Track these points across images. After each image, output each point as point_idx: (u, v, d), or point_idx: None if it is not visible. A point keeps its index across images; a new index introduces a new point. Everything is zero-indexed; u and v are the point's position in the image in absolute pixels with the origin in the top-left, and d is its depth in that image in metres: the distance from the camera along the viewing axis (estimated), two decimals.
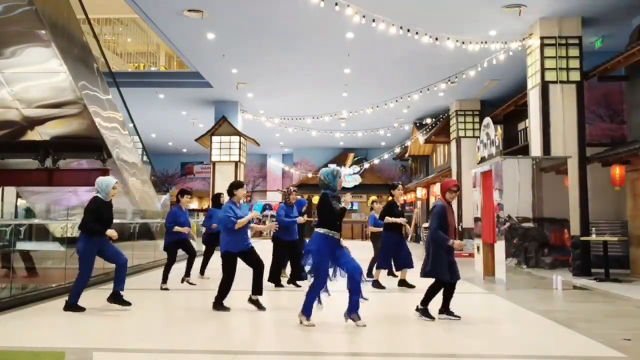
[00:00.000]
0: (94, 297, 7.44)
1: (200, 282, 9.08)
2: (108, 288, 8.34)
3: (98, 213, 6.38)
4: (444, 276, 5.87)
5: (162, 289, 8.21)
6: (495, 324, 6.16)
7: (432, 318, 5.90)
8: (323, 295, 5.60)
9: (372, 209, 9.83)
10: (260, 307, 6.46)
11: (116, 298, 6.44)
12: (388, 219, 8.26)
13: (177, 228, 8.30)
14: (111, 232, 6.42)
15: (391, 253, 8.34)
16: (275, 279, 8.50)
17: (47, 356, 3.69)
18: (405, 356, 4.68)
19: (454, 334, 5.42)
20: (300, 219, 8.57)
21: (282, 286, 8.43)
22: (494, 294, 8.20)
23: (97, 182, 6.59)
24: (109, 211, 6.57)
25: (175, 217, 8.41)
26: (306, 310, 5.58)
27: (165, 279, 8.31)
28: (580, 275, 9.71)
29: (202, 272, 9.66)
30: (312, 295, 5.57)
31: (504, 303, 7.42)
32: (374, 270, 8.72)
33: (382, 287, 8.28)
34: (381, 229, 8.62)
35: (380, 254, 8.52)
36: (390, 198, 8.75)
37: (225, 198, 7.24)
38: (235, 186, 6.70)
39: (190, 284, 8.60)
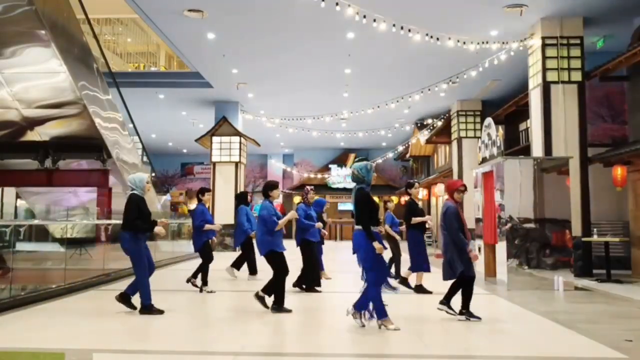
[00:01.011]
0: (94, 298, 7.44)
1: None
2: (107, 289, 8.35)
3: (140, 210, 6.25)
4: (469, 272, 5.92)
5: (205, 292, 8.03)
6: (497, 324, 6.13)
7: (479, 318, 5.90)
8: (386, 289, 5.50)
9: (387, 208, 9.66)
10: (264, 304, 6.39)
11: (124, 298, 6.34)
12: (414, 220, 7.99)
13: (207, 226, 8.15)
14: (159, 230, 6.31)
15: (424, 251, 8.02)
16: (308, 283, 8.11)
17: (46, 357, 3.65)
18: (405, 357, 4.65)
19: (455, 335, 5.39)
20: (319, 224, 8.35)
21: (317, 291, 8.09)
22: (495, 294, 8.17)
23: (130, 179, 6.47)
24: (147, 207, 6.43)
25: (204, 216, 8.25)
26: (381, 314, 5.44)
27: (205, 281, 8.14)
28: (582, 276, 9.68)
29: (254, 272, 9.49)
30: (378, 294, 5.46)
31: (505, 304, 7.40)
32: (403, 273, 8.48)
33: (429, 292, 7.84)
34: (397, 236, 8.68)
35: (413, 255, 8.04)
36: (406, 198, 8.62)
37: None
38: (270, 187, 6.66)
39: (195, 285, 8.49)
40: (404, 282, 8.28)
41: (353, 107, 17.21)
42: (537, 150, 10.66)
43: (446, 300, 6.05)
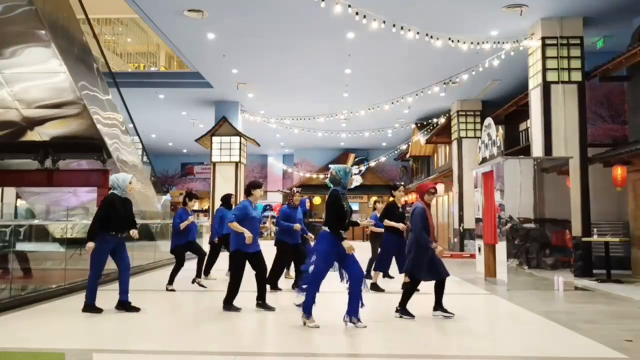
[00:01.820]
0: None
1: (205, 284, 9.05)
2: (107, 289, 8.35)
3: (109, 212, 6.27)
4: (420, 276, 6.08)
5: (167, 289, 8.17)
6: (497, 324, 6.13)
7: (413, 316, 6.01)
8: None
9: (374, 208, 9.76)
10: (269, 308, 6.46)
11: (123, 306, 6.40)
12: (387, 222, 8.13)
13: (183, 225, 8.23)
14: (133, 233, 6.40)
15: (391, 255, 8.26)
16: (272, 281, 8.19)
17: (46, 357, 3.66)
18: (405, 357, 4.65)
19: (455, 335, 5.39)
20: (297, 226, 8.26)
21: (278, 289, 8.24)
22: (495, 294, 8.17)
23: (112, 178, 6.50)
24: (123, 209, 6.42)
25: (182, 219, 8.34)
26: (307, 310, 5.57)
27: (172, 280, 8.27)
28: (582, 276, 9.69)
29: (207, 272, 9.59)
30: (311, 294, 5.56)
31: (505, 304, 7.40)
32: (372, 272, 8.67)
33: (381, 290, 8.21)
34: (382, 230, 8.54)
35: (380, 256, 8.46)
36: (391, 199, 8.66)
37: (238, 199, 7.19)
38: (253, 185, 6.62)
39: (201, 285, 8.50)
40: (375, 286, 8.35)
41: (353, 107, 17.21)
42: (537, 150, 10.66)
43: (437, 305, 6.18)
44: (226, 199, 9.71)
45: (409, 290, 6.15)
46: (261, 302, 6.54)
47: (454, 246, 17.61)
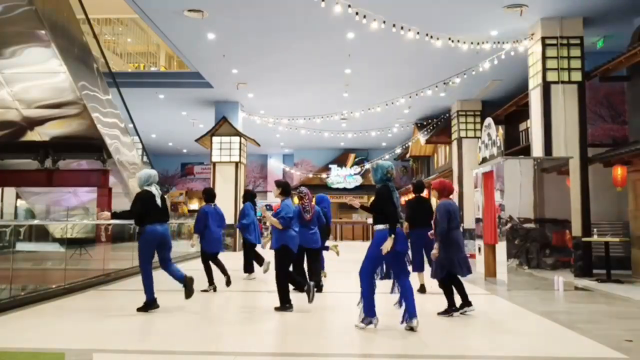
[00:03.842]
0: (94, 298, 7.44)
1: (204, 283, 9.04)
2: (107, 289, 8.35)
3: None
4: (456, 271, 6.42)
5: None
6: (496, 324, 6.13)
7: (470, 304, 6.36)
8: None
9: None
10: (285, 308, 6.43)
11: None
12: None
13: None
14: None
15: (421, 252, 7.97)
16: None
17: (47, 357, 3.65)
18: (405, 356, 4.65)
19: (455, 335, 5.39)
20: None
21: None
22: (495, 294, 8.17)
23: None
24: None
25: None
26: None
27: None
28: (582, 276, 9.69)
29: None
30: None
31: (505, 304, 7.40)
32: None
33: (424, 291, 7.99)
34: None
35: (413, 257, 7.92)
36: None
37: None
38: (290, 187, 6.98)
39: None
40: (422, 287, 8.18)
41: (353, 107, 17.21)
42: (537, 150, 10.66)
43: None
44: (251, 195, 9.88)
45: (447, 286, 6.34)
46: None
47: None
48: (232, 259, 10.02)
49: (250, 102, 17.72)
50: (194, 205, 29.63)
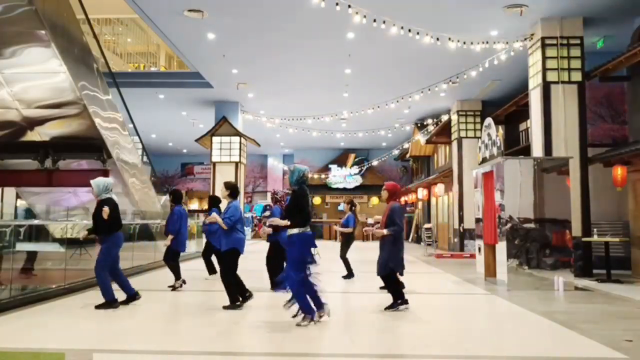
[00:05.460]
0: (94, 298, 7.42)
1: (204, 283, 9.05)
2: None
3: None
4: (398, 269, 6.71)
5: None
6: (496, 324, 6.13)
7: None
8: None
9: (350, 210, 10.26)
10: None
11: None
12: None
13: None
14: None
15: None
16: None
17: (47, 357, 3.66)
18: (405, 357, 4.65)
19: (455, 335, 5.39)
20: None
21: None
22: (495, 294, 8.17)
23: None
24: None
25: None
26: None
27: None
28: (582, 276, 9.68)
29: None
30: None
31: (505, 304, 7.40)
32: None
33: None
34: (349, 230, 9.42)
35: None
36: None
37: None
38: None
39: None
40: None
41: (353, 107, 17.21)
42: (537, 150, 10.65)
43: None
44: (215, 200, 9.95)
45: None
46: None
47: (454, 246, 17.61)
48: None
49: (250, 102, 17.72)
50: (194, 205, 29.64)
